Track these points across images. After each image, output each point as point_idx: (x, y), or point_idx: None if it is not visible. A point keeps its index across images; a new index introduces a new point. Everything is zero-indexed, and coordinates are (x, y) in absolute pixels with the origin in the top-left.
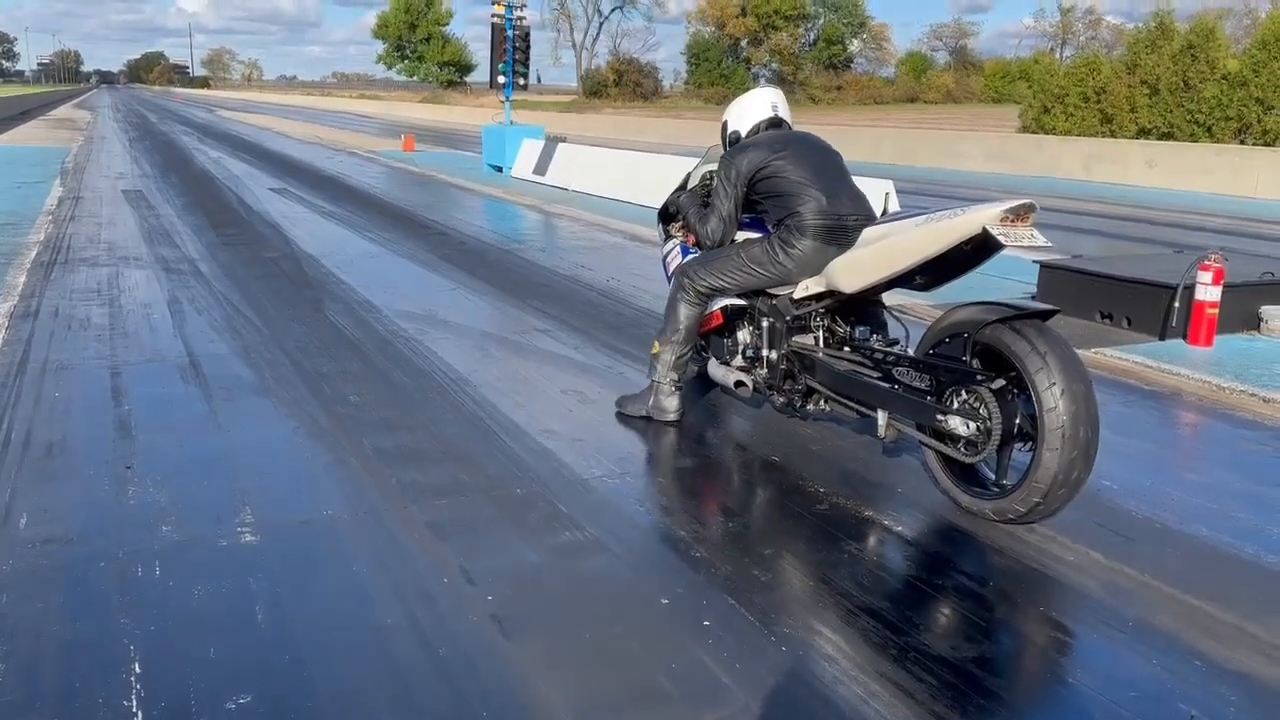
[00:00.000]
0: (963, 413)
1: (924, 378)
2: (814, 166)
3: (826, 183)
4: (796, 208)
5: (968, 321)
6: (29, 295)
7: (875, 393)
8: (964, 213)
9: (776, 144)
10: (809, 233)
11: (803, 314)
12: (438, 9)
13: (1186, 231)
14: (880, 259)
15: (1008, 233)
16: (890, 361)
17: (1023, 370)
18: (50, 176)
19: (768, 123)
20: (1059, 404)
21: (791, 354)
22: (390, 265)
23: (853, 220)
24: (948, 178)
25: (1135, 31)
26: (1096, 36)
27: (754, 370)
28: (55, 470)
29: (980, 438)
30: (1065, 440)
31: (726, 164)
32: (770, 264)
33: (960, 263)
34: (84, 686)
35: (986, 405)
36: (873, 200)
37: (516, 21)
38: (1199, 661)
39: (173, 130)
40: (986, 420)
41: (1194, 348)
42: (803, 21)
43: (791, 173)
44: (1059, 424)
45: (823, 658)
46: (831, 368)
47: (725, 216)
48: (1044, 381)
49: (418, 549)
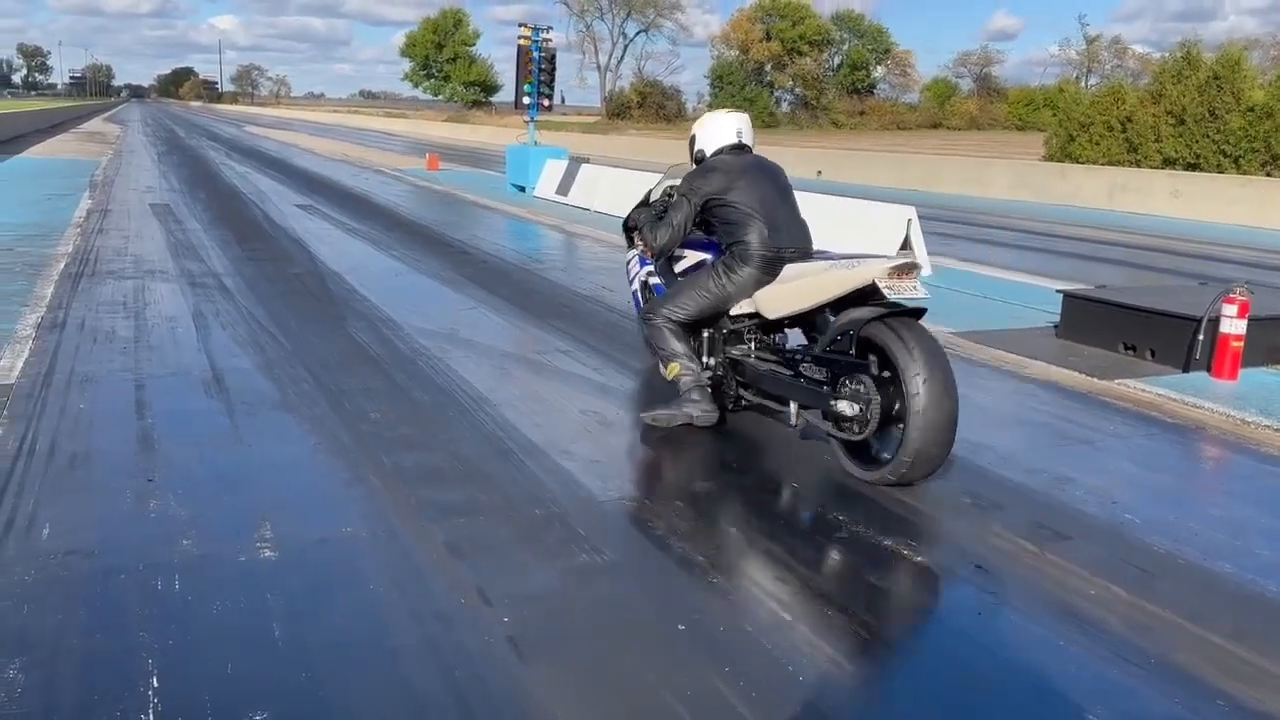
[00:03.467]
0: (849, 397)
1: (822, 370)
2: (762, 198)
3: (771, 214)
4: (743, 236)
5: (854, 320)
6: (56, 307)
7: (786, 387)
8: (860, 265)
9: (735, 171)
10: (751, 262)
11: (737, 328)
12: (465, 29)
13: (1211, 263)
14: (794, 296)
15: (893, 285)
16: (798, 359)
17: (894, 361)
18: (79, 189)
19: (731, 147)
20: (921, 390)
21: (726, 360)
22: (413, 283)
23: (789, 253)
24: (970, 205)
25: (1161, 61)
26: (1122, 65)
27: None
28: (78, 482)
29: (864, 418)
30: (926, 420)
31: (689, 182)
32: (717, 289)
33: (857, 300)
34: (102, 700)
35: (869, 390)
36: (894, 228)
37: (543, 43)
38: (1221, 701)
39: (200, 145)
40: (868, 403)
41: (1218, 381)
42: (827, 47)
43: (743, 203)
44: (920, 407)
45: (840, 689)
46: (756, 369)
47: (676, 226)
48: (910, 370)
49: (435, 569)
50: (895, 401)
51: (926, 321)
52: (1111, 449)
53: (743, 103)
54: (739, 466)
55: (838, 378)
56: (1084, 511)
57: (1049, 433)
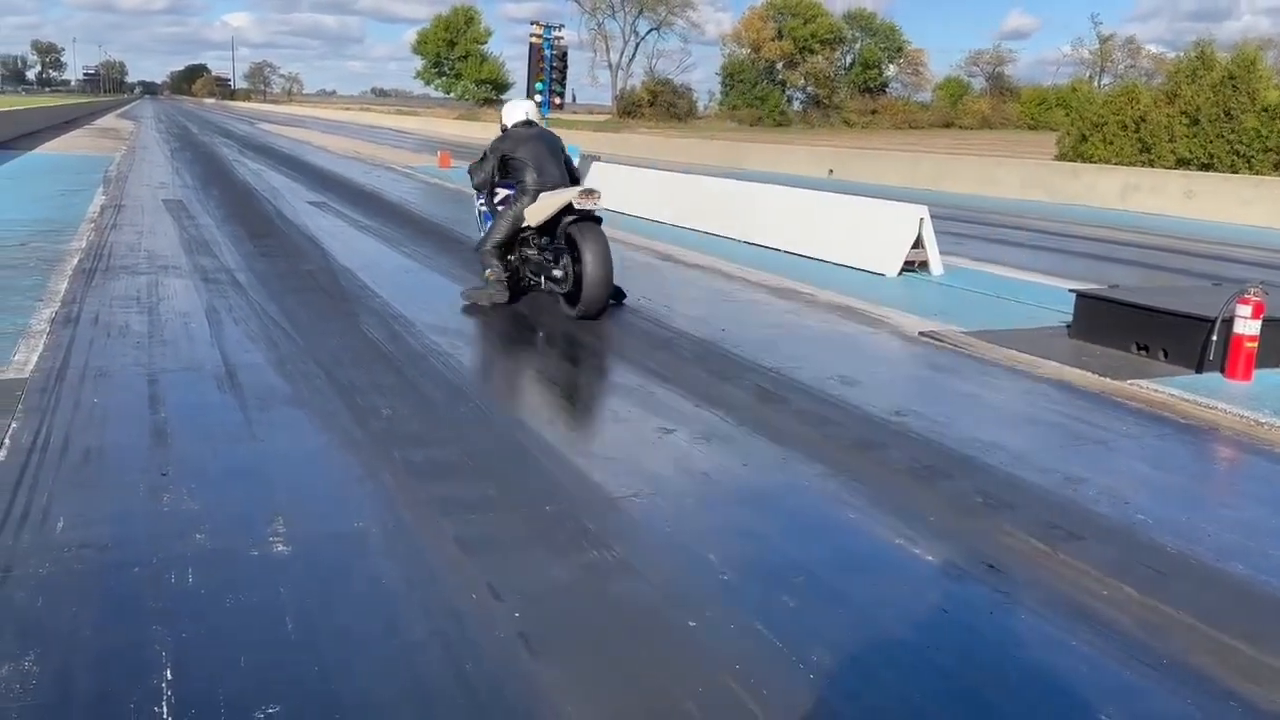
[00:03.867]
0: (560, 268)
1: (549, 255)
2: (535, 154)
3: (540, 164)
4: (522, 178)
5: (563, 224)
6: (70, 301)
7: (535, 266)
8: (565, 192)
9: (520, 139)
10: (528, 194)
11: (525, 236)
12: (477, 27)
13: (1225, 264)
14: (540, 210)
15: (581, 202)
16: (543, 250)
17: (579, 247)
18: (93, 185)
19: (522, 123)
20: (589, 263)
21: (520, 256)
22: (424, 280)
23: (550, 188)
24: (982, 204)
25: (1176, 61)
26: (1136, 65)
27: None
28: (92, 476)
29: (566, 279)
30: (591, 281)
31: (494, 144)
32: (514, 214)
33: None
34: (115, 692)
35: (568, 264)
36: (906, 227)
37: (555, 41)
38: (1234, 702)
39: (213, 141)
40: (567, 271)
41: (1231, 382)
42: (839, 45)
43: (523, 157)
44: (589, 272)
45: (851, 688)
46: (527, 258)
47: (486, 172)
48: (586, 253)
49: (446, 564)
50: (580, 270)
51: (941, 321)
52: (1124, 449)
53: (754, 101)
54: (750, 466)
55: (556, 258)
56: (1096, 511)
57: (1061, 432)
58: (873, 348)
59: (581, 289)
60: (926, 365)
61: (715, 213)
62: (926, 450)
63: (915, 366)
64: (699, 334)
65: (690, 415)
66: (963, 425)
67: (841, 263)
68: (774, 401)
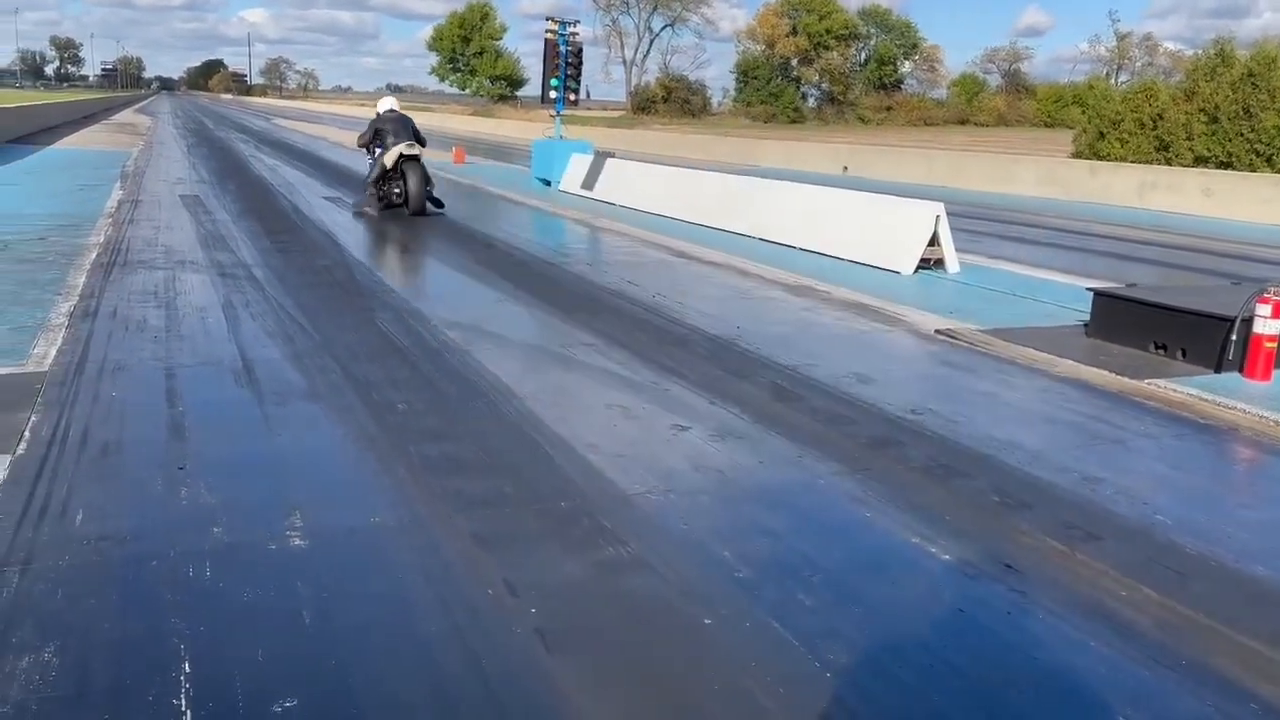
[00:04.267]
0: (399, 186)
1: (395, 182)
2: (395, 128)
3: (397, 133)
4: (384, 141)
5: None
6: (88, 296)
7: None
8: (398, 147)
9: (386, 119)
10: (388, 149)
11: (390, 175)
12: (491, 23)
13: (1244, 263)
14: (389, 157)
15: (405, 153)
16: (391, 181)
17: (405, 175)
18: (110, 180)
19: (388, 110)
20: (410, 184)
21: (388, 187)
22: (439, 276)
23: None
24: (998, 201)
25: (1194, 58)
26: (1153, 63)
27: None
28: (110, 469)
29: (402, 193)
30: (413, 195)
31: (371, 125)
32: (381, 164)
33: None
34: (134, 684)
35: (402, 185)
36: (921, 224)
37: (570, 37)
38: (1254, 704)
39: (229, 137)
40: (403, 189)
41: (1251, 382)
42: (854, 41)
43: (386, 130)
44: (411, 189)
45: (868, 686)
46: (390, 190)
47: (368, 138)
48: (409, 179)
49: (462, 559)
50: (405, 187)
51: (958, 319)
52: (1142, 449)
53: (769, 98)
54: (766, 459)
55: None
56: (1114, 511)
57: (1078, 432)
58: (888, 345)
59: (409, 203)
60: (942, 363)
61: (730, 210)
62: (943, 449)
63: (931, 364)
64: (714, 331)
65: (705, 412)
66: (979, 424)
67: (857, 260)
68: (789, 399)
